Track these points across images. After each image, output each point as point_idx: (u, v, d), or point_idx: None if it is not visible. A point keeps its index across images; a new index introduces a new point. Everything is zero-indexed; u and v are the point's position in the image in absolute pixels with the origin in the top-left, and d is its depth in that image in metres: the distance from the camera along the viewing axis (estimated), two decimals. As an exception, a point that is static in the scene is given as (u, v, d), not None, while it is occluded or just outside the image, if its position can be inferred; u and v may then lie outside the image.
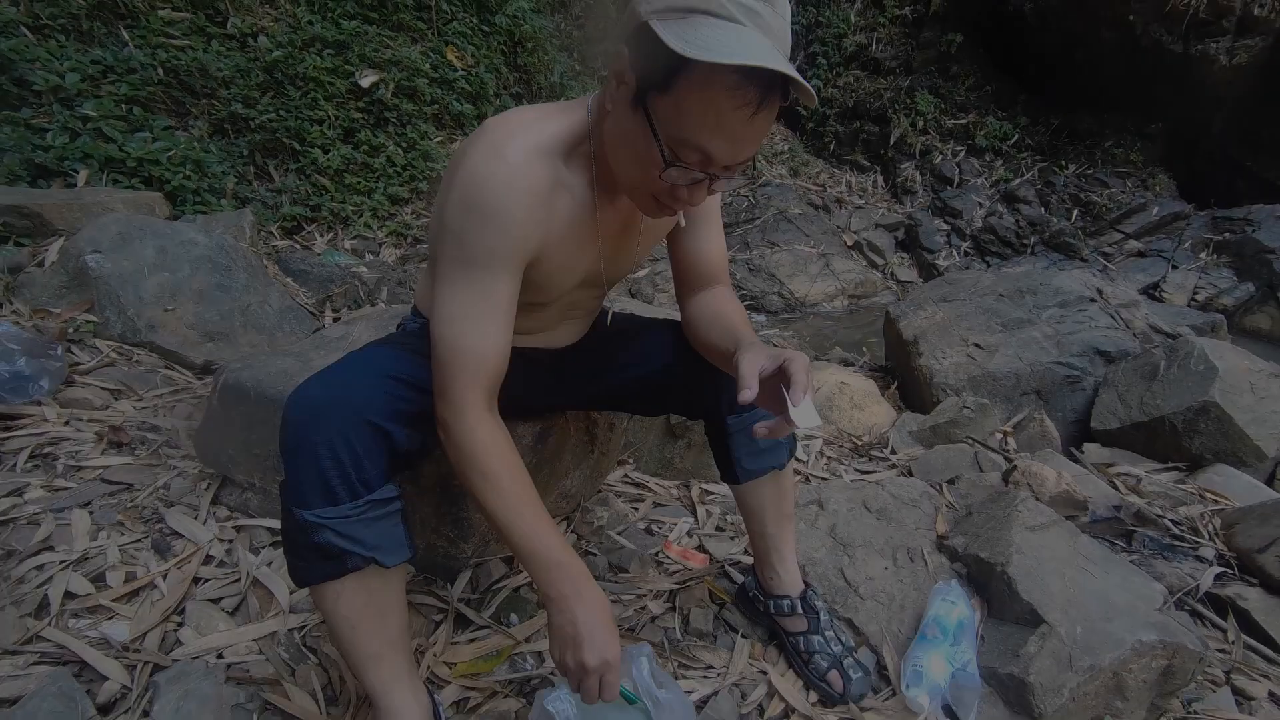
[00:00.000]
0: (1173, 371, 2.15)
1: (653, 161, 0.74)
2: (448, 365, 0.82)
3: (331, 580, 0.83)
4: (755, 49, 0.66)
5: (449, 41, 4.40)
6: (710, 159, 0.73)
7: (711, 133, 0.71)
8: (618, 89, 0.76)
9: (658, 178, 0.76)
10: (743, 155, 0.75)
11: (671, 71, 0.68)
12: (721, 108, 0.69)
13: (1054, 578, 1.24)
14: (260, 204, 3.54)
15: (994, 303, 2.82)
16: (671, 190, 0.78)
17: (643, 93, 0.72)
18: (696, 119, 0.70)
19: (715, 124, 0.70)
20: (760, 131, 0.73)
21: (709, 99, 0.68)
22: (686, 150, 0.73)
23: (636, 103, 0.73)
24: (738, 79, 0.67)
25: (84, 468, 1.44)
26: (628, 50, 0.73)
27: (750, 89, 0.68)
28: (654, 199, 0.81)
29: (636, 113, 0.74)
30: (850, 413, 2.33)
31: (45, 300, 2.13)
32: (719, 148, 0.72)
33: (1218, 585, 1.49)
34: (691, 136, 0.71)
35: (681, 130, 0.71)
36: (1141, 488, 1.89)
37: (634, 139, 0.76)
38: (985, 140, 6.50)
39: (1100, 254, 5.69)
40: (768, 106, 0.70)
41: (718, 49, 0.64)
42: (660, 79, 0.70)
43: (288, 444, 0.80)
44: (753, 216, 5.97)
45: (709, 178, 0.76)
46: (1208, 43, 5.27)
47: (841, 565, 1.37)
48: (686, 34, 0.66)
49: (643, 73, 0.72)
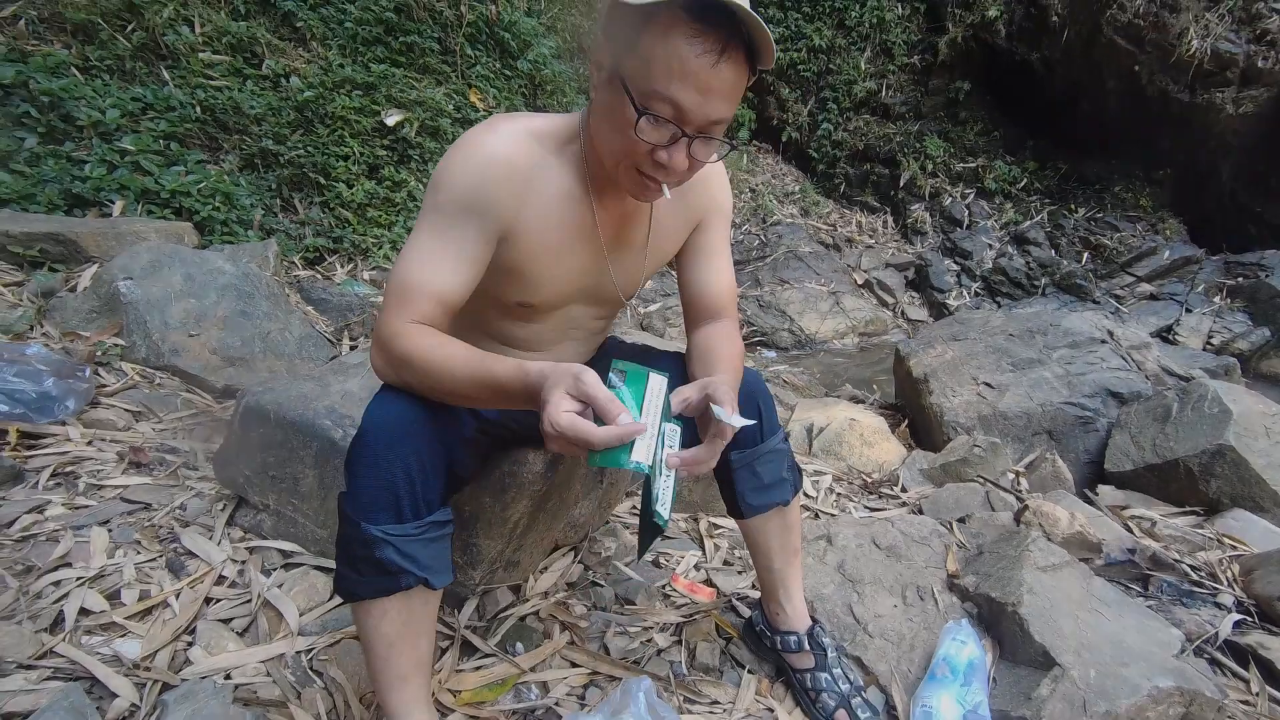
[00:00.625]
0: (1186, 414, 2.14)
1: (627, 121, 0.77)
2: (389, 299, 0.85)
3: (381, 597, 0.84)
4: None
5: (472, 84, 4.58)
6: (681, 110, 0.76)
7: (679, 81, 0.74)
8: (597, 75, 0.83)
9: (634, 138, 0.78)
10: (714, 110, 0.77)
11: (635, 31, 0.74)
12: (684, 54, 0.73)
13: (1067, 620, 1.22)
14: (284, 235, 3.65)
15: (1004, 342, 2.82)
16: (651, 156, 0.80)
17: (616, 63, 0.78)
18: (662, 68, 0.74)
19: (680, 71, 0.74)
20: (727, 82, 0.76)
21: (671, 47, 0.73)
22: (656, 102, 0.76)
23: (612, 75, 0.79)
24: (697, 25, 0.72)
25: (104, 487, 1.47)
26: (604, 37, 0.80)
27: (710, 34, 0.72)
28: (637, 172, 0.83)
29: (613, 83, 0.79)
30: (860, 449, 2.32)
31: (75, 324, 2.20)
32: (687, 97, 0.75)
33: (1237, 633, 1.45)
34: (659, 87, 0.75)
35: (651, 83, 0.75)
36: (1157, 531, 1.86)
37: (611, 108, 0.80)
38: (994, 183, 6.59)
39: (1112, 296, 5.69)
40: (731, 55, 0.74)
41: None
42: (628, 43, 0.76)
43: (364, 456, 0.82)
44: (764, 254, 6.05)
45: (685, 136, 0.78)
46: (1213, 92, 5.36)
47: (850, 602, 1.36)
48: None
49: (613, 46, 0.78)
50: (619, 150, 0.82)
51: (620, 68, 0.77)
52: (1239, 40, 5.18)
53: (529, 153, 0.88)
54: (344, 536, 0.84)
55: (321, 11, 4.24)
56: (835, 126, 7.02)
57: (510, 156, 0.86)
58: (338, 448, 1.26)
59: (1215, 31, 5.16)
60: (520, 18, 4.95)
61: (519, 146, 0.87)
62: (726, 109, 0.79)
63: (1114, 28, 5.44)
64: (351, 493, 0.83)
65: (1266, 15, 5.08)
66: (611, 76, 0.79)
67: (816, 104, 7.09)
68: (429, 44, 4.41)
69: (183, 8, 3.75)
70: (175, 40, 3.60)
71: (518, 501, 1.23)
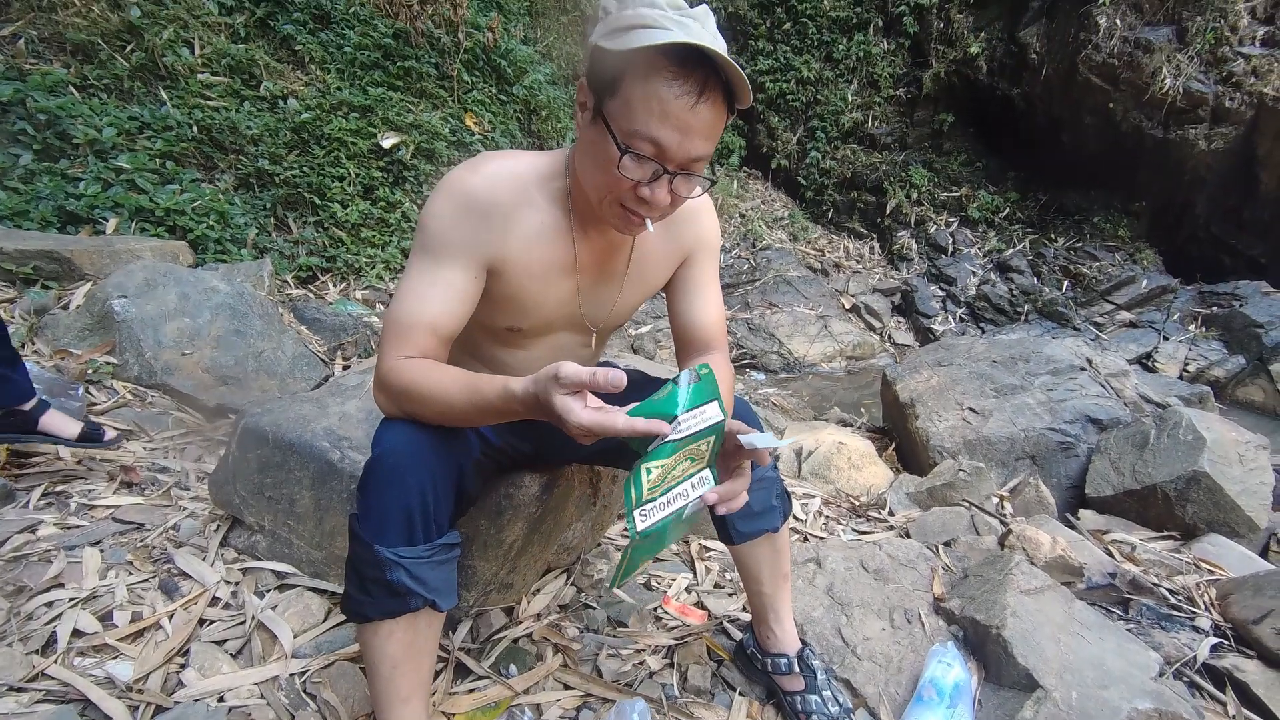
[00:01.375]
0: (1163, 441, 2.20)
1: (611, 159, 0.81)
2: (385, 337, 0.88)
3: (389, 618, 0.86)
4: (684, 38, 0.74)
5: (468, 108, 4.66)
6: (662, 149, 0.79)
7: (659, 121, 0.78)
8: (582, 115, 0.86)
9: (617, 175, 0.82)
10: (694, 148, 0.81)
11: (618, 75, 0.78)
12: (664, 96, 0.77)
13: (1049, 643, 1.25)
14: (278, 254, 3.66)
15: (988, 369, 2.89)
16: (634, 191, 0.83)
17: (599, 104, 0.82)
18: (643, 109, 0.77)
19: (661, 112, 0.77)
20: (705, 122, 0.79)
21: (652, 89, 0.77)
22: (639, 141, 0.79)
23: (595, 116, 0.83)
24: (675, 69, 0.76)
25: (96, 506, 1.47)
26: (586, 79, 0.84)
27: (689, 77, 0.76)
28: (621, 206, 0.86)
29: (596, 124, 0.83)
30: (848, 473, 2.36)
31: (67, 342, 2.20)
32: (667, 136, 0.78)
33: (1215, 656, 1.49)
34: (641, 127, 0.78)
35: (632, 123, 0.79)
36: (1136, 555, 1.91)
37: (595, 147, 0.84)
38: (978, 212, 6.76)
39: (1092, 323, 5.83)
40: (709, 96, 0.78)
41: (651, 40, 0.74)
42: (611, 85, 0.79)
43: (379, 479, 0.84)
44: (753, 278, 6.14)
45: (666, 173, 0.82)
46: (1186, 129, 5.57)
47: (839, 625, 1.38)
48: (627, 39, 0.76)
49: (597, 88, 0.82)
50: (603, 186, 0.86)
51: (603, 108, 0.82)
52: (1208, 80, 5.40)
53: (512, 190, 0.92)
54: (355, 558, 0.86)
55: (321, 36, 4.31)
56: (823, 155, 7.19)
57: (493, 194, 0.90)
58: (335, 469, 1.27)
59: (1186, 72, 5.38)
60: (516, 45, 5.06)
61: (502, 184, 0.91)
62: (706, 147, 0.83)
63: (1089, 67, 5.66)
64: (364, 515, 0.85)
65: (1232, 59, 5.31)
66: (595, 116, 0.83)
67: (805, 133, 7.26)
68: (426, 69, 4.49)
69: (183, 30, 3.80)
70: (174, 61, 3.64)
71: (513, 524, 1.25)
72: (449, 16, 4.54)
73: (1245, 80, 5.29)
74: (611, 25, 0.79)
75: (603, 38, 0.79)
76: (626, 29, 0.77)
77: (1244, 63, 5.29)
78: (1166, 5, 5.46)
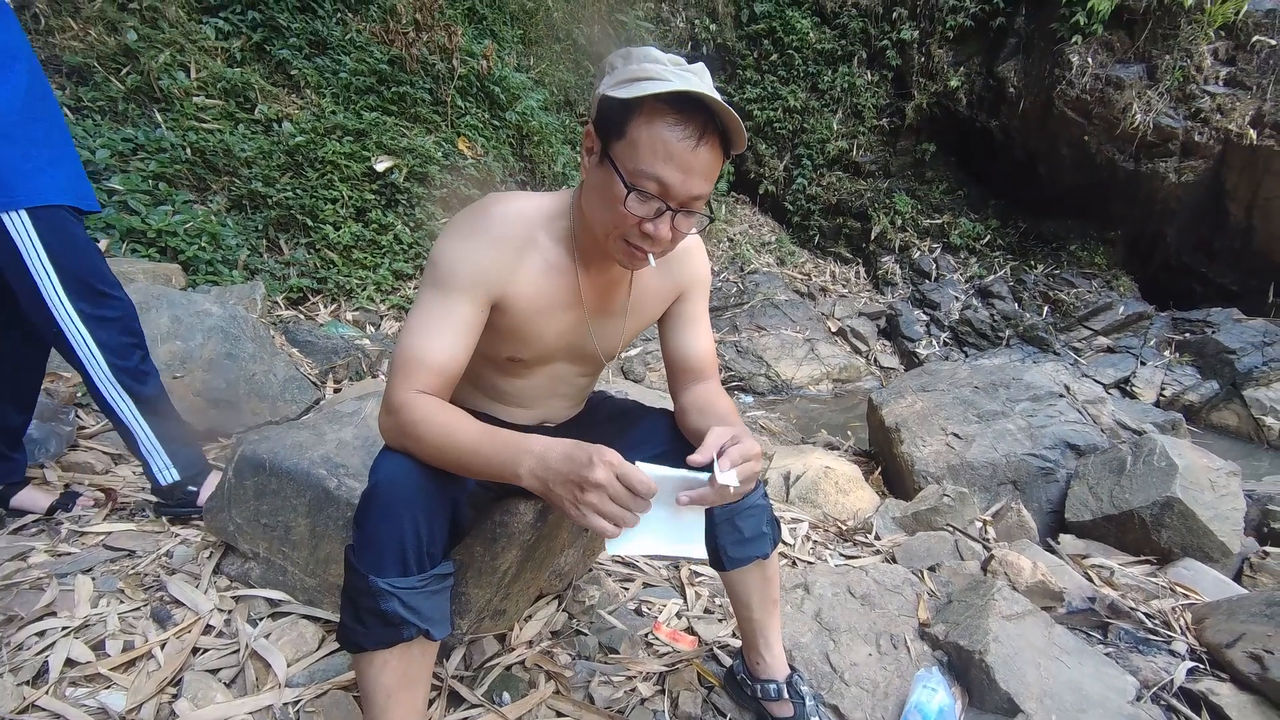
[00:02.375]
0: (1138, 467, 2.26)
1: (617, 196, 0.88)
2: (396, 369, 0.92)
3: (383, 648, 0.88)
4: (684, 87, 0.82)
5: (461, 133, 4.72)
6: (666, 187, 0.86)
7: (664, 162, 0.85)
8: (588, 159, 0.93)
9: (624, 212, 0.88)
10: (695, 187, 0.88)
11: (625, 119, 0.86)
12: (668, 139, 0.84)
13: (1030, 667, 1.29)
14: (269, 275, 3.67)
15: (970, 394, 2.96)
16: (639, 226, 0.90)
17: (605, 147, 0.89)
18: (648, 151, 0.85)
19: (665, 154, 0.85)
20: (707, 164, 0.87)
21: (656, 133, 0.84)
22: (644, 180, 0.86)
23: (602, 158, 0.89)
24: (677, 115, 0.83)
25: (87, 533, 1.46)
26: (593, 126, 0.91)
27: (689, 122, 0.84)
28: (625, 243, 0.92)
29: (603, 165, 0.89)
30: (836, 497, 2.40)
31: (57, 364, 2.19)
32: (671, 175, 0.86)
33: (1190, 680, 1.52)
34: (646, 167, 0.85)
35: (638, 163, 0.86)
36: (1115, 580, 1.95)
37: (602, 186, 0.90)
38: (959, 239, 6.92)
39: (1071, 348, 5.96)
40: (708, 140, 0.85)
41: (655, 89, 0.82)
42: (617, 129, 0.87)
43: (374, 511, 0.86)
44: (741, 301, 6.22)
45: (669, 210, 0.89)
46: (1156, 162, 5.77)
47: (827, 650, 1.40)
48: (633, 89, 0.84)
49: (604, 133, 0.89)
50: (610, 222, 0.92)
51: (610, 150, 0.88)
52: (1177, 116, 5.62)
53: (519, 230, 0.98)
54: (350, 588, 0.88)
55: (317, 61, 4.37)
56: (809, 181, 7.34)
57: (502, 235, 0.96)
58: (331, 496, 1.29)
59: (1156, 107, 5.59)
60: (509, 72, 5.15)
61: (509, 226, 0.97)
62: (705, 186, 0.90)
63: (1064, 101, 5.86)
64: (360, 546, 0.87)
65: (1199, 96, 5.54)
66: (602, 159, 0.90)
67: (792, 160, 7.42)
68: (420, 94, 4.56)
69: (179, 53, 3.84)
70: (170, 84, 3.68)
71: (508, 551, 1.27)
72: (444, 44, 4.63)
73: (1212, 116, 5.51)
74: (618, 78, 0.86)
75: (610, 89, 0.86)
76: (632, 80, 0.85)
77: (1210, 100, 5.52)
78: (1136, 45, 5.69)
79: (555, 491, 0.80)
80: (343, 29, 4.52)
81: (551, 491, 0.81)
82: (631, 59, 0.88)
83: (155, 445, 1.48)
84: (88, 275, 1.36)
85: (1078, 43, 5.73)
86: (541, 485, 0.81)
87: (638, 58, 0.88)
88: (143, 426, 1.46)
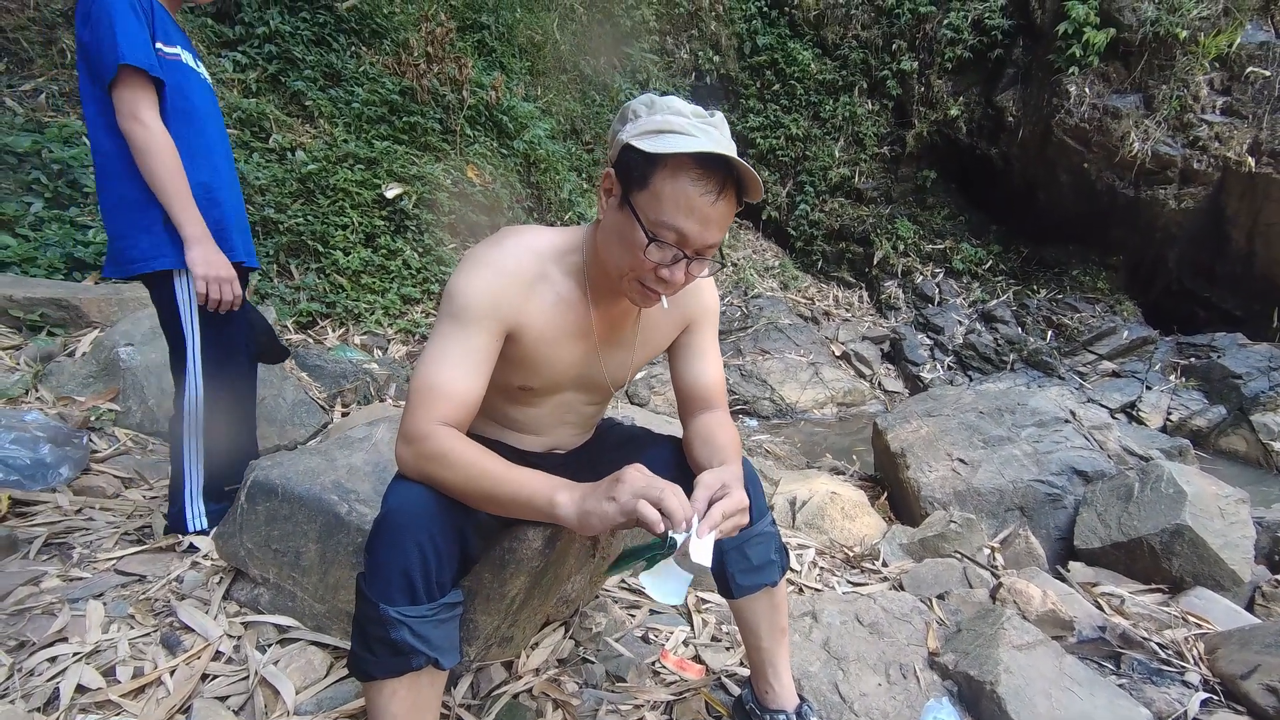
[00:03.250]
0: (1146, 494, 2.25)
1: (637, 243, 0.92)
2: (417, 401, 0.93)
3: (392, 677, 0.88)
4: (710, 147, 0.86)
5: (470, 161, 4.82)
6: (684, 237, 0.91)
7: (685, 215, 0.89)
8: (607, 200, 0.97)
9: (642, 258, 0.92)
10: (711, 237, 0.92)
11: (648, 171, 0.89)
12: (690, 193, 0.88)
13: (1041, 698, 1.27)
14: (279, 299, 3.72)
15: (975, 419, 2.96)
16: (655, 271, 0.94)
17: (626, 194, 0.93)
18: (670, 204, 0.89)
19: (687, 207, 0.89)
20: (724, 215, 0.92)
21: (679, 187, 0.88)
22: (664, 230, 0.90)
23: (623, 203, 0.93)
24: (700, 171, 0.87)
25: (98, 558, 1.47)
26: (613, 170, 0.95)
27: (711, 178, 0.88)
28: (640, 284, 0.96)
29: (623, 210, 0.93)
30: (842, 523, 2.39)
31: (72, 389, 2.23)
32: (691, 227, 0.90)
33: (1205, 712, 1.50)
34: (668, 219, 0.90)
35: (660, 214, 0.90)
36: (1126, 609, 1.93)
37: (622, 231, 0.94)
38: (961, 264, 6.97)
39: (1076, 373, 5.95)
40: (726, 194, 0.90)
41: (684, 146, 0.86)
42: (640, 179, 0.90)
43: (385, 540, 0.88)
44: (745, 325, 6.25)
45: (685, 258, 0.93)
46: (1155, 189, 5.83)
47: (836, 680, 1.39)
48: (658, 143, 0.88)
49: (626, 180, 0.92)
50: (627, 266, 0.96)
51: (631, 198, 0.92)
52: (1175, 144, 5.69)
53: (531, 265, 1.02)
54: (361, 616, 0.89)
55: (330, 92, 4.48)
56: (812, 207, 7.43)
57: (516, 269, 1.00)
58: (342, 522, 1.30)
59: (1154, 136, 5.67)
60: (518, 103, 5.27)
61: (523, 260, 1.01)
62: (720, 235, 0.94)
63: (1063, 129, 5.95)
64: (371, 574, 0.88)
65: (1196, 124, 5.62)
66: (622, 205, 0.94)
67: (794, 186, 7.52)
68: (431, 124, 4.67)
69: (198, 85, 3.95)
70: (188, 115, 3.77)
71: (516, 577, 1.27)
72: (454, 75, 4.75)
73: (1210, 144, 5.59)
74: (642, 128, 0.90)
75: (634, 137, 0.90)
76: (656, 132, 0.88)
77: (1208, 128, 5.60)
78: (1132, 75, 5.79)
79: (590, 500, 0.84)
80: (356, 61, 4.64)
81: (585, 506, 0.84)
82: (656, 109, 0.92)
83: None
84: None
85: (1075, 74, 5.83)
86: (576, 507, 0.85)
87: (661, 108, 0.92)
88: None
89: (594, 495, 0.84)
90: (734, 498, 0.88)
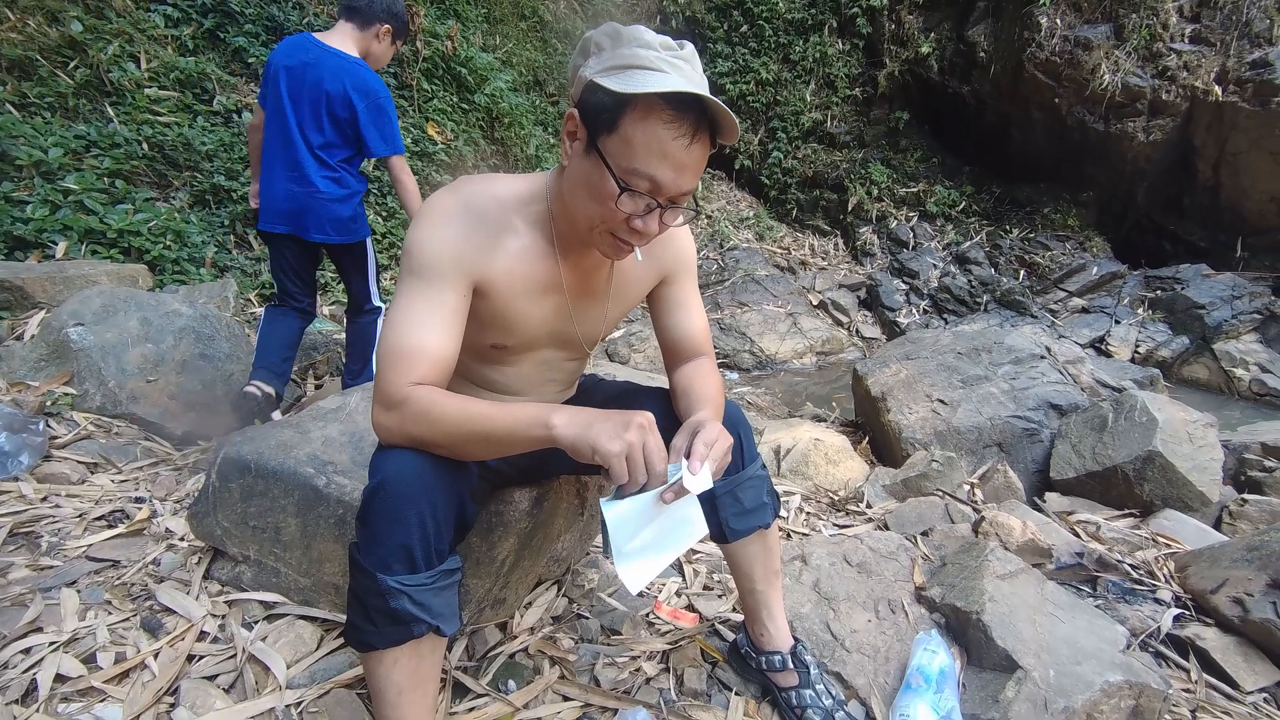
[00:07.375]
0: (1120, 423, 2.31)
1: (608, 193, 0.85)
2: (388, 364, 0.87)
3: (394, 646, 0.86)
4: (682, 85, 0.79)
5: (430, 117, 4.61)
6: (658, 185, 0.84)
7: (657, 160, 0.82)
8: (571, 145, 0.89)
9: (614, 208, 0.85)
10: (685, 183, 0.85)
11: (617, 113, 0.81)
12: (663, 137, 0.81)
13: (1026, 624, 1.31)
14: (239, 272, 3.57)
15: (953, 360, 2.99)
16: (627, 222, 0.87)
17: (593, 139, 0.84)
18: (642, 149, 0.81)
19: (660, 152, 0.81)
20: (697, 160, 0.85)
21: (650, 130, 0.80)
22: (636, 178, 0.83)
23: (589, 148, 0.85)
24: (672, 112, 0.80)
25: (68, 545, 1.42)
26: (577, 110, 0.86)
27: (684, 120, 0.81)
28: (612, 236, 0.90)
29: (590, 156, 0.85)
30: (826, 469, 2.42)
31: (23, 374, 2.12)
32: (664, 173, 0.83)
33: (1177, 626, 1.57)
34: (640, 165, 0.82)
35: (631, 161, 0.82)
36: (1101, 534, 2.00)
37: (590, 179, 0.86)
38: (935, 207, 6.96)
39: (1048, 310, 6.06)
40: (700, 137, 0.83)
41: (654, 85, 0.78)
42: (608, 121, 0.82)
43: (382, 509, 0.84)
44: (722, 278, 6.21)
45: (659, 206, 0.86)
46: (1125, 122, 5.84)
47: (827, 619, 1.42)
48: (626, 81, 0.79)
49: (592, 122, 0.84)
50: (596, 217, 0.89)
51: (599, 143, 0.84)
52: (1145, 75, 5.67)
53: (494, 213, 0.94)
54: (358, 587, 0.86)
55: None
56: (785, 155, 7.31)
57: (478, 219, 0.92)
58: (321, 495, 1.26)
59: (1124, 67, 5.64)
60: (476, 53, 5.03)
61: (483, 208, 0.93)
62: (695, 180, 0.87)
63: (1034, 64, 5.88)
64: (366, 544, 0.84)
65: (1165, 54, 5.59)
66: (588, 150, 0.86)
67: (766, 133, 7.38)
68: (385, 79, 4.42)
69: (128, 44, 3.67)
70: (120, 77, 3.53)
71: (505, 540, 1.25)
72: (407, 25, 4.49)
73: (1179, 74, 5.58)
74: (607, 63, 0.82)
75: (599, 74, 0.82)
76: (623, 68, 0.80)
77: (1176, 58, 5.58)
78: (1103, 4, 5.71)
79: (594, 429, 0.78)
80: (299, 13, 4.36)
81: (589, 432, 0.79)
82: (620, 40, 0.83)
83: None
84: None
85: (1046, 4, 5.73)
86: (578, 430, 0.79)
87: (627, 40, 0.83)
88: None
89: (601, 423, 0.79)
90: (708, 431, 0.88)
